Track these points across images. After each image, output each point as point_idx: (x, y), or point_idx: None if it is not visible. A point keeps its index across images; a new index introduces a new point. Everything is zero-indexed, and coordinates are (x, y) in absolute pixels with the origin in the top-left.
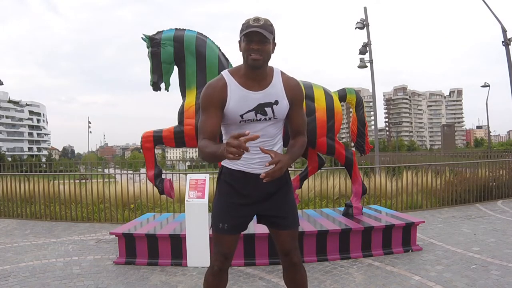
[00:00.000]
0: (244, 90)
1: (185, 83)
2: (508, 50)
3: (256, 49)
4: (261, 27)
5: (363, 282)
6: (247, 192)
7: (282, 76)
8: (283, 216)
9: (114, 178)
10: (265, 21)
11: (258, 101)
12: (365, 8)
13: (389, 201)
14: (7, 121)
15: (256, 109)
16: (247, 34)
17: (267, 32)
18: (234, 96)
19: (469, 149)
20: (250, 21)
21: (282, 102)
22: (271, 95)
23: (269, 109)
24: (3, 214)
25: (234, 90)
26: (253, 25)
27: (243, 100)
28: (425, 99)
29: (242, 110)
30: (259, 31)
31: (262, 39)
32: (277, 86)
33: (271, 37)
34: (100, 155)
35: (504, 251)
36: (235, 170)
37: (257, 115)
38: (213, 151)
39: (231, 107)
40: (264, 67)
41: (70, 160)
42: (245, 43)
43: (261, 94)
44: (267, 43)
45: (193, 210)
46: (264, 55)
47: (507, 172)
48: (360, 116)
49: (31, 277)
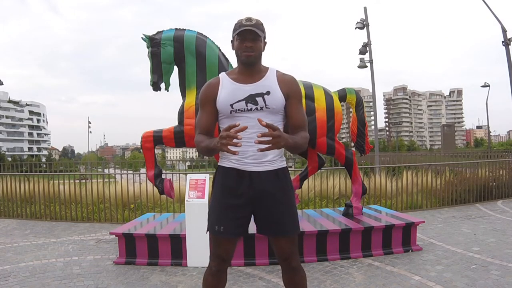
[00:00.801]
0: (235, 84)
1: (185, 83)
2: (508, 50)
3: (249, 47)
4: (253, 26)
5: (363, 282)
6: (241, 191)
7: (277, 73)
8: (281, 221)
9: (114, 178)
10: (256, 21)
11: (249, 92)
12: (365, 8)
13: (389, 201)
14: (7, 121)
15: (246, 99)
16: (241, 33)
17: (259, 30)
18: (225, 90)
19: (469, 149)
20: (243, 21)
21: (275, 93)
22: (263, 86)
23: (260, 98)
24: (3, 214)
25: (226, 85)
26: (246, 24)
27: (233, 91)
28: (425, 99)
29: (232, 100)
30: (252, 29)
31: (254, 37)
32: (270, 79)
33: (263, 35)
34: (100, 155)
35: (504, 251)
36: (229, 168)
37: (248, 104)
38: (207, 144)
39: (222, 98)
40: (257, 63)
41: (70, 160)
42: (239, 41)
43: (253, 86)
44: (259, 41)
45: (193, 210)
46: (256, 51)
47: (507, 172)
48: (360, 116)
49: (31, 277)
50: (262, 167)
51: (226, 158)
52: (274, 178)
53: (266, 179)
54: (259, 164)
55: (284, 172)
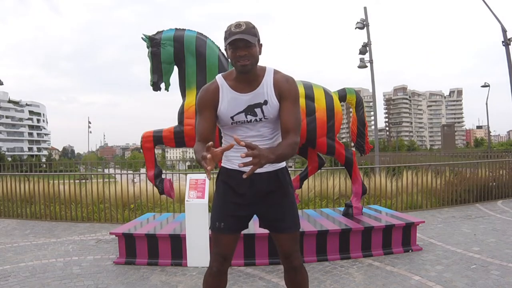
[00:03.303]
0: (234, 93)
1: (185, 83)
2: (508, 50)
3: (243, 55)
4: (243, 32)
5: (363, 282)
6: (243, 191)
7: (274, 75)
8: (282, 218)
9: (114, 178)
10: (246, 25)
11: (247, 102)
12: (365, 8)
13: (389, 201)
14: (7, 121)
15: (245, 110)
16: (232, 42)
17: (250, 35)
18: (225, 99)
19: (469, 149)
20: (232, 28)
21: (271, 101)
22: (260, 95)
23: (259, 109)
24: (3, 214)
25: (225, 93)
26: (235, 32)
27: (233, 102)
28: (425, 99)
29: (232, 112)
30: (242, 38)
31: (246, 44)
32: (267, 85)
33: (255, 40)
34: (100, 155)
35: (504, 251)
36: (231, 169)
37: (247, 116)
38: (197, 158)
39: (222, 109)
40: (254, 70)
41: (70, 160)
42: (231, 51)
43: (250, 96)
44: (253, 46)
45: (193, 210)
46: (251, 59)
47: (507, 172)
48: (360, 116)
49: (31, 277)
50: (263, 168)
51: (229, 160)
52: (274, 178)
53: (267, 180)
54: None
55: (284, 171)
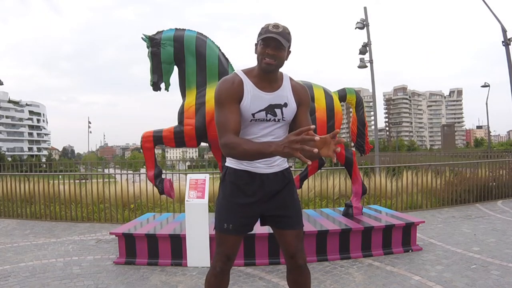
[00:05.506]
0: (257, 90)
1: (185, 83)
2: (508, 50)
3: (271, 54)
4: (279, 34)
5: (363, 282)
6: (252, 191)
7: (290, 81)
8: (288, 215)
9: (114, 178)
10: (283, 29)
11: (269, 101)
12: (365, 8)
13: (389, 201)
14: (7, 121)
15: (267, 109)
16: (265, 39)
17: (284, 39)
18: (249, 94)
19: (469, 149)
20: (270, 27)
21: (291, 104)
22: (281, 97)
23: (279, 110)
24: (3, 214)
25: (249, 88)
26: (272, 31)
27: (255, 99)
28: (425, 99)
29: (254, 109)
30: (277, 38)
31: (278, 45)
32: (286, 89)
33: (287, 44)
34: (100, 155)
35: (504, 251)
36: (239, 170)
37: (268, 115)
38: (258, 148)
39: (245, 104)
40: (276, 71)
41: (70, 160)
42: (261, 47)
43: (272, 95)
44: (283, 50)
45: (193, 210)
46: (277, 60)
47: (507, 172)
48: (360, 116)
49: (31, 277)
50: (272, 169)
51: (236, 160)
52: (281, 178)
53: (274, 180)
54: (269, 167)
55: (288, 171)
